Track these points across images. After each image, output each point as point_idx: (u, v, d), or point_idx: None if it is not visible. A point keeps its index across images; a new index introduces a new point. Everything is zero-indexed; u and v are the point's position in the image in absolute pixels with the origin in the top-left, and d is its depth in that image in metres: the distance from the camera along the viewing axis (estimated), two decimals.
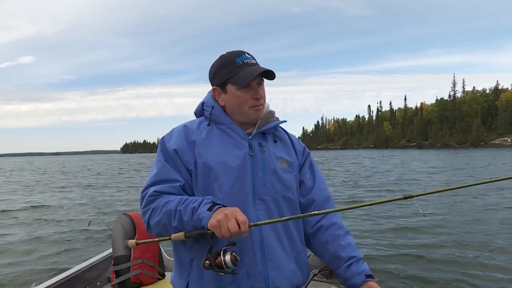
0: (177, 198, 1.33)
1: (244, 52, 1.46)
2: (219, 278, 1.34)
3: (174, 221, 1.30)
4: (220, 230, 1.20)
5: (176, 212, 1.29)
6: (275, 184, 1.44)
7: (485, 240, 6.79)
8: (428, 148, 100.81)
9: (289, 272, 1.43)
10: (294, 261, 1.46)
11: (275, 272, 1.39)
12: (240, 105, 1.44)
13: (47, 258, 6.83)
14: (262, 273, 1.37)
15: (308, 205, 1.56)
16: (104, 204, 13.15)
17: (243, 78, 1.40)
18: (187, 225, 1.28)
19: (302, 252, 1.51)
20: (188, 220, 1.27)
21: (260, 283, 1.36)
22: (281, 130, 1.62)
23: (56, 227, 9.78)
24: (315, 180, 1.60)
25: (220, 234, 1.20)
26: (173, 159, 1.41)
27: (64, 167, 51.12)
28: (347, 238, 1.52)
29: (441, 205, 10.38)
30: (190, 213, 1.27)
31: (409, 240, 7.01)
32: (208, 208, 1.25)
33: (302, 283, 1.52)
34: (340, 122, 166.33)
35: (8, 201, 14.63)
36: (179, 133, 1.45)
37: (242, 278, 1.35)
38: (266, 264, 1.37)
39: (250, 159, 1.42)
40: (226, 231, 1.19)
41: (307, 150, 1.65)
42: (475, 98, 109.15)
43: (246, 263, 1.35)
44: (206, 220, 1.23)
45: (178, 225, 1.29)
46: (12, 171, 41.61)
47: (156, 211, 1.34)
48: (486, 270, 5.27)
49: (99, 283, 3.15)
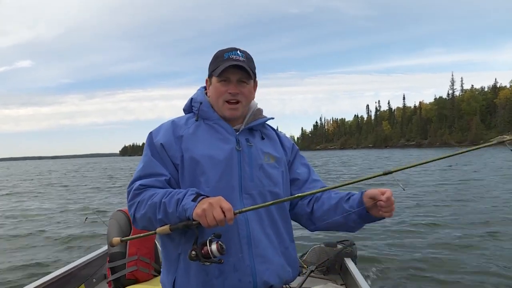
0: (162, 191, 1.33)
1: (236, 49, 1.49)
2: (205, 272, 1.34)
3: (159, 213, 1.29)
4: (206, 219, 1.19)
5: (161, 205, 1.29)
6: (262, 179, 1.45)
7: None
8: (428, 147, 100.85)
9: (277, 266, 1.43)
10: (282, 256, 1.47)
11: (262, 266, 1.39)
12: (217, 98, 1.48)
13: (42, 255, 6.82)
14: (249, 267, 1.37)
15: (304, 198, 1.56)
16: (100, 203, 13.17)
17: (219, 69, 1.43)
18: (172, 217, 1.27)
19: (290, 247, 1.52)
20: (173, 212, 1.26)
21: (247, 276, 1.36)
22: (269, 127, 1.65)
23: (51, 224, 9.78)
24: (309, 172, 1.63)
25: (205, 223, 1.20)
26: (160, 154, 1.42)
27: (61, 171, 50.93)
28: (337, 193, 1.53)
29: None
30: (174, 204, 1.26)
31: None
32: (193, 199, 1.25)
33: (292, 278, 1.52)
34: (339, 122, 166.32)
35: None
36: (167, 128, 1.47)
37: (229, 271, 1.35)
38: (253, 258, 1.38)
39: (237, 153, 1.44)
40: (211, 219, 1.19)
41: (296, 147, 1.68)
42: (473, 96, 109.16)
43: (233, 257, 1.35)
44: (191, 210, 1.22)
45: (163, 217, 1.29)
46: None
47: (141, 204, 1.34)
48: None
49: (95, 280, 3.14)
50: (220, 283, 1.35)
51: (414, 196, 11.87)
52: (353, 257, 3.64)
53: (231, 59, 1.43)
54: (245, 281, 1.35)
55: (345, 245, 3.69)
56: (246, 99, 1.49)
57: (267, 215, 1.44)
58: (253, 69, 1.49)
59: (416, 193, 12.63)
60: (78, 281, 3.00)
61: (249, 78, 1.46)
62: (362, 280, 3.03)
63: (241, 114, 1.50)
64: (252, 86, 1.52)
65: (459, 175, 18.56)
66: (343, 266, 3.59)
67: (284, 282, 1.48)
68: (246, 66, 1.43)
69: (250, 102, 1.54)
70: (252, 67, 1.49)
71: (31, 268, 6.03)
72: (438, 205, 10.31)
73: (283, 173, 1.54)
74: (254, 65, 1.52)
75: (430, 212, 9.23)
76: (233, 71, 1.43)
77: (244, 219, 1.37)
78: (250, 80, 1.48)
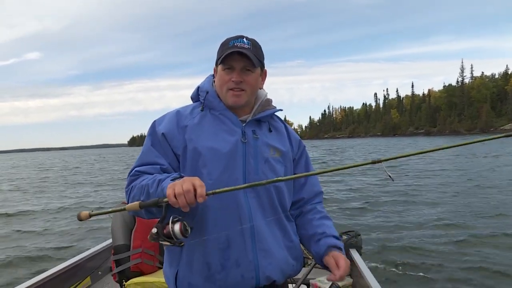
0: (151, 176, 1.30)
1: (243, 36, 1.43)
2: (208, 267, 1.32)
3: (142, 195, 1.26)
4: (173, 190, 1.13)
5: (145, 186, 1.26)
6: (267, 172, 1.41)
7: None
8: (437, 135, 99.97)
9: (281, 261, 1.40)
10: (286, 250, 1.44)
11: (265, 261, 1.36)
12: (221, 86, 1.43)
13: (47, 248, 6.91)
14: (252, 262, 1.34)
15: (296, 202, 1.54)
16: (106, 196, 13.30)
17: (222, 56, 1.38)
18: (153, 197, 1.22)
19: (295, 241, 1.49)
20: (153, 192, 1.23)
21: (250, 272, 1.34)
22: (278, 119, 1.59)
23: (57, 218, 9.91)
24: (308, 177, 1.58)
25: (172, 195, 1.12)
26: (161, 143, 1.39)
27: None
28: (323, 220, 1.52)
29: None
30: (156, 185, 1.23)
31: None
32: (172, 178, 1.21)
33: (296, 272, 1.50)
34: (347, 111, 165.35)
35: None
36: (171, 118, 1.44)
37: (232, 267, 1.33)
38: (256, 253, 1.35)
39: (242, 146, 1.39)
40: (179, 189, 1.12)
41: (303, 144, 1.61)
42: (484, 83, 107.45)
43: (236, 252, 1.33)
44: (166, 188, 1.17)
45: (145, 198, 1.25)
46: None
47: (133, 189, 1.33)
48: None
49: (101, 272, 3.17)
50: (222, 278, 1.33)
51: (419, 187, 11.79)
52: (358, 248, 3.63)
53: (235, 47, 1.38)
54: (248, 276, 1.33)
55: (350, 236, 3.68)
56: (251, 88, 1.43)
57: (271, 210, 1.41)
58: (259, 57, 1.43)
59: (425, 183, 12.54)
60: (84, 274, 3.03)
61: (253, 66, 1.40)
62: (367, 271, 3.02)
63: (245, 103, 1.44)
64: (258, 75, 1.46)
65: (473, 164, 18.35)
66: (348, 257, 3.58)
67: (287, 276, 1.45)
68: (250, 53, 1.37)
69: (256, 91, 1.48)
70: (259, 55, 1.43)
71: (38, 261, 6.13)
72: (445, 196, 10.24)
73: (287, 168, 1.49)
74: (261, 53, 1.46)
75: (438, 205, 9.17)
76: (237, 58, 1.38)
77: (247, 213, 1.34)
78: (255, 68, 1.42)
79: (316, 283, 3.08)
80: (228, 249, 1.32)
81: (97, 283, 3.22)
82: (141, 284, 2.73)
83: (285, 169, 1.48)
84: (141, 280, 2.74)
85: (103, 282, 3.26)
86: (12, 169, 38.33)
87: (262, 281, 1.36)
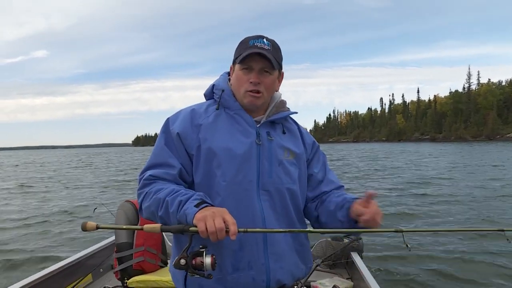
0: (169, 188, 1.29)
1: (263, 37, 1.42)
2: (219, 268, 1.30)
3: (160, 210, 1.26)
4: (205, 225, 1.12)
5: (164, 202, 1.25)
6: (281, 175, 1.40)
7: None
8: (442, 141, 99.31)
9: (291, 265, 1.41)
10: (296, 254, 1.44)
11: (277, 264, 1.36)
12: (239, 86, 1.42)
13: (50, 245, 6.94)
14: (264, 265, 1.34)
15: (317, 196, 1.53)
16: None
17: (242, 55, 1.37)
18: (173, 217, 1.23)
19: (305, 245, 1.49)
20: (174, 213, 1.22)
21: (261, 275, 1.34)
22: (292, 121, 1.58)
23: (60, 213, 9.95)
24: (326, 173, 1.57)
25: (204, 229, 1.12)
26: (175, 142, 1.38)
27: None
28: (343, 195, 1.48)
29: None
30: (176, 206, 1.22)
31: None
32: (196, 204, 1.19)
33: (304, 276, 1.50)
34: (352, 115, 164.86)
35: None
36: (185, 116, 1.42)
37: (244, 269, 1.33)
38: (268, 256, 1.35)
39: (257, 147, 1.39)
40: (211, 226, 1.11)
41: (317, 144, 1.60)
42: (490, 90, 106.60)
43: (248, 254, 1.33)
44: (191, 216, 1.16)
45: (164, 215, 1.26)
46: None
47: (148, 196, 1.32)
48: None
49: (102, 269, 3.19)
50: (234, 280, 1.33)
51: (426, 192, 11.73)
52: (359, 251, 3.64)
53: (255, 47, 1.37)
54: (259, 279, 1.33)
55: (351, 239, 3.68)
56: (268, 90, 1.42)
57: (284, 213, 1.41)
58: (278, 59, 1.42)
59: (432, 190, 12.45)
60: (86, 271, 3.05)
61: (272, 68, 1.39)
62: (368, 274, 3.02)
63: (261, 105, 1.43)
64: (276, 77, 1.45)
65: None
66: (349, 260, 3.59)
67: (296, 279, 1.46)
68: (270, 55, 1.36)
69: (273, 93, 1.47)
70: (278, 56, 1.42)
71: (41, 257, 6.16)
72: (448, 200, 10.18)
73: (301, 170, 1.49)
74: (280, 55, 1.45)
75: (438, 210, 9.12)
76: (256, 59, 1.37)
77: (260, 216, 1.34)
78: (274, 70, 1.41)
79: (317, 285, 3.09)
80: (240, 251, 1.32)
81: (98, 281, 3.24)
82: (143, 282, 2.75)
83: (299, 171, 1.47)
84: (143, 279, 2.76)
85: (104, 279, 3.28)
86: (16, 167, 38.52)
87: (272, 285, 1.36)
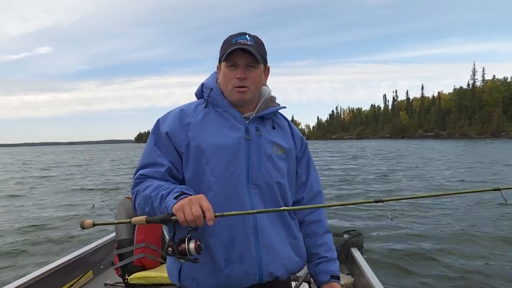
0: (155, 185, 1.33)
1: (245, 33, 1.44)
2: (212, 262, 1.34)
3: (147, 206, 1.31)
4: (183, 214, 1.16)
5: (149, 198, 1.30)
6: (270, 169, 1.42)
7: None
8: (446, 138, 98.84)
9: (284, 258, 1.42)
10: (289, 247, 1.45)
11: (269, 257, 1.38)
12: (226, 83, 1.44)
13: (50, 241, 6.98)
14: (255, 258, 1.35)
15: (296, 203, 1.56)
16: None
17: (226, 53, 1.39)
18: (157, 211, 1.28)
19: (298, 238, 1.50)
20: (157, 207, 1.27)
21: (253, 268, 1.35)
22: (281, 117, 1.60)
23: (59, 210, 10.00)
24: (309, 175, 1.60)
25: (182, 218, 1.17)
26: (164, 142, 1.41)
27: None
28: (324, 237, 1.57)
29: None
30: (159, 200, 1.26)
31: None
32: (175, 196, 1.23)
33: (299, 269, 1.51)
34: (355, 112, 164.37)
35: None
36: (174, 116, 1.45)
37: (235, 262, 1.34)
38: (259, 249, 1.36)
39: (246, 143, 1.41)
40: (189, 214, 1.16)
41: (305, 141, 1.63)
42: (495, 86, 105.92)
43: (239, 248, 1.35)
44: (170, 207, 1.21)
45: (150, 210, 1.31)
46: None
47: (138, 194, 1.36)
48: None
49: (103, 266, 3.21)
50: (226, 273, 1.34)
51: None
52: (359, 247, 3.64)
53: (238, 43, 1.40)
54: (251, 272, 1.35)
55: (351, 235, 3.69)
56: (254, 84, 1.44)
57: (274, 207, 1.42)
58: (262, 53, 1.44)
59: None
60: (86, 267, 3.06)
61: (256, 62, 1.41)
62: (368, 269, 3.02)
63: (249, 99, 1.46)
64: (262, 71, 1.47)
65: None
66: (349, 255, 3.60)
67: (291, 273, 1.47)
68: (253, 50, 1.39)
69: (260, 87, 1.49)
70: (261, 51, 1.44)
71: (42, 254, 6.19)
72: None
73: (290, 165, 1.50)
74: (264, 50, 1.47)
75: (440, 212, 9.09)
76: (240, 55, 1.39)
77: (250, 209, 1.35)
78: (259, 64, 1.43)
79: None
80: (232, 245, 1.34)
81: (99, 277, 3.26)
82: (143, 278, 2.76)
83: (288, 166, 1.49)
84: (144, 275, 2.78)
85: (105, 276, 3.30)
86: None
87: (265, 277, 1.37)
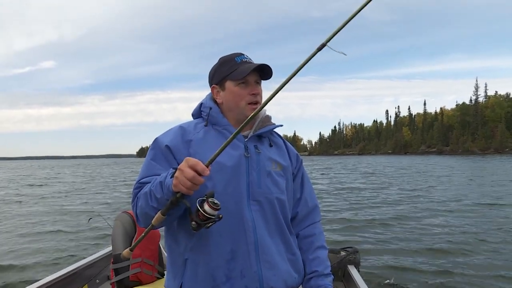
0: (151, 181, 1.33)
1: (243, 53, 1.52)
2: (212, 278, 1.35)
3: (151, 201, 1.29)
4: (181, 184, 1.17)
5: (150, 193, 1.30)
6: (270, 185, 1.46)
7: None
8: (449, 154, 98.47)
9: (284, 272, 1.44)
10: (288, 263, 1.47)
11: (269, 272, 1.39)
12: (237, 102, 1.47)
13: (46, 254, 6.94)
14: (256, 273, 1.37)
15: (291, 219, 1.57)
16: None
17: (241, 72, 1.44)
18: (163, 201, 1.26)
19: (296, 254, 1.53)
20: (162, 196, 1.26)
21: (254, 283, 1.36)
22: (276, 135, 1.65)
23: (56, 224, 9.95)
24: (303, 191, 1.63)
25: (183, 189, 1.17)
26: (164, 155, 1.43)
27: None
28: (318, 252, 1.57)
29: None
30: (160, 188, 1.26)
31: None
32: (171, 176, 1.23)
33: (297, 285, 1.52)
34: (358, 127, 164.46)
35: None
36: (176, 132, 1.48)
37: (236, 277, 1.35)
38: (260, 264, 1.38)
39: (246, 160, 1.44)
40: (184, 181, 1.16)
41: (300, 158, 1.68)
42: (498, 102, 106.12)
43: (241, 263, 1.36)
44: (171, 187, 1.21)
45: (156, 204, 1.29)
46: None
47: (139, 199, 1.36)
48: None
49: (98, 280, 3.19)
50: None
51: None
52: (356, 265, 3.62)
53: (247, 62, 1.47)
54: (252, 287, 1.36)
55: (348, 252, 3.67)
56: (261, 100, 1.50)
57: (274, 222, 1.45)
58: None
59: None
60: (82, 281, 3.05)
61: (266, 79, 1.50)
62: (365, 287, 3.00)
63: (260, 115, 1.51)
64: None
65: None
66: (346, 273, 3.57)
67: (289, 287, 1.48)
68: (267, 66, 1.45)
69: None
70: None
71: (37, 268, 6.16)
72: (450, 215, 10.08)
73: (288, 181, 1.54)
74: None
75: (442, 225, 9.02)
76: (252, 73, 1.45)
77: (252, 225, 1.38)
78: (261, 81, 1.51)
79: None
80: (232, 260, 1.35)
81: None
82: None
83: (286, 182, 1.53)
84: None
85: None
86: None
87: None
